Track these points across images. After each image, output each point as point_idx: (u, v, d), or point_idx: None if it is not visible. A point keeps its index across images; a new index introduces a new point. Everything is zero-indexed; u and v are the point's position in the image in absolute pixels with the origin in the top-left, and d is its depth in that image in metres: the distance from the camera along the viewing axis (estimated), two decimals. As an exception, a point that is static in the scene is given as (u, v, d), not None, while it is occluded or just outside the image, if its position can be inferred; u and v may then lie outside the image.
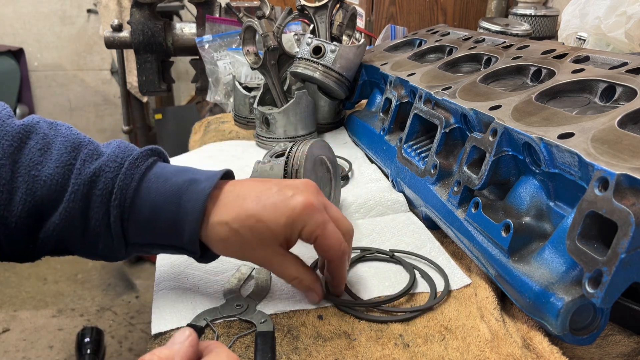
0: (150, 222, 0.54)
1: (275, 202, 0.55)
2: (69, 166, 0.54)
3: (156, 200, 0.54)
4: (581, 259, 0.46)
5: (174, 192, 0.54)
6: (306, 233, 0.55)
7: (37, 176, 0.53)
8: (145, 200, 0.54)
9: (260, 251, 0.56)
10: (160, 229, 0.55)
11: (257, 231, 0.54)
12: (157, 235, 0.56)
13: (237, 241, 0.55)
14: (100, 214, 0.54)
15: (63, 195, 0.53)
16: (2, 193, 0.52)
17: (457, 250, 0.72)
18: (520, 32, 1.24)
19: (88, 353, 1.93)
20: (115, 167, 0.54)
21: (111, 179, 0.54)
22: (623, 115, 0.52)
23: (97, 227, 0.54)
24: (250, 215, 0.54)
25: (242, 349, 0.54)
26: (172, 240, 0.56)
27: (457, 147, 0.74)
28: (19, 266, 2.57)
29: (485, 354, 0.52)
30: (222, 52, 1.43)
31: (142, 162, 0.56)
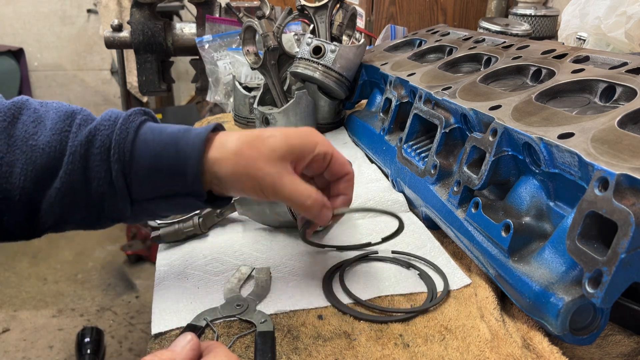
0: (151, 172, 0.55)
1: (282, 129, 0.58)
2: (65, 132, 0.54)
3: (154, 149, 0.55)
4: (581, 259, 0.46)
5: (171, 140, 0.55)
6: (319, 154, 0.57)
7: (34, 145, 0.53)
8: (144, 150, 0.54)
9: (274, 166, 0.54)
10: (162, 176, 0.55)
11: (271, 143, 0.55)
12: (160, 185, 0.56)
13: (251, 153, 0.54)
14: (102, 171, 0.54)
15: (62, 160, 0.53)
16: (2, 166, 0.52)
17: (457, 250, 0.72)
18: (520, 32, 1.24)
19: (88, 353, 1.93)
20: (109, 124, 0.55)
21: (107, 136, 0.54)
22: (623, 115, 0.52)
23: (100, 186, 0.54)
24: (263, 131, 0.56)
25: (242, 349, 0.54)
26: (175, 187, 0.55)
27: (457, 147, 0.74)
28: (19, 266, 2.57)
29: (485, 354, 0.52)
30: (222, 52, 1.43)
31: (136, 117, 0.56)
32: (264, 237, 0.74)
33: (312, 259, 0.69)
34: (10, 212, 0.53)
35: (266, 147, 0.55)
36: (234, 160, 0.54)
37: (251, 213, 0.75)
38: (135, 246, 2.58)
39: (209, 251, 0.71)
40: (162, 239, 0.73)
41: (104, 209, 0.56)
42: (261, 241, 0.73)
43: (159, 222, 0.73)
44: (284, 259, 0.69)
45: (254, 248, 0.72)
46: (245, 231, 0.76)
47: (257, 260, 0.69)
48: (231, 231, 0.76)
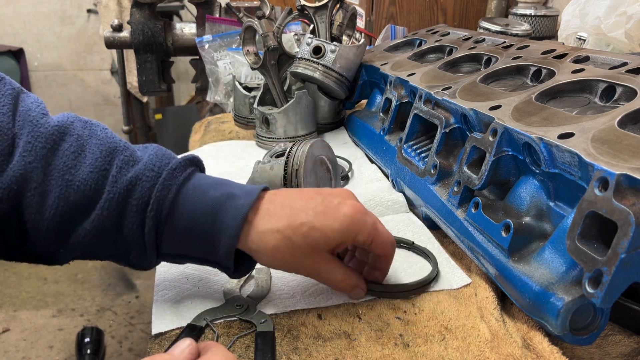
0: (185, 235, 0.53)
1: (325, 210, 0.55)
2: (104, 172, 0.52)
3: (193, 213, 0.53)
4: (581, 259, 0.46)
5: (211, 206, 0.53)
6: (363, 237, 0.55)
7: (70, 180, 0.51)
8: (182, 212, 0.53)
9: (310, 259, 0.55)
10: (195, 242, 0.54)
11: (311, 238, 0.54)
12: (191, 248, 0.55)
13: (288, 249, 0.54)
14: (135, 224, 0.52)
15: (97, 202, 0.52)
16: (34, 196, 0.50)
17: (457, 250, 0.72)
18: (520, 32, 1.24)
19: (88, 353, 1.93)
20: (152, 176, 0.53)
21: (148, 189, 0.52)
22: (623, 115, 0.52)
23: (130, 236, 0.53)
24: (302, 223, 0.54)
25: (242, 349, 0.54)
26: (206, 254, 0.55)
27: (457, 147, 0.74)
28: (19, 266, 2.57)
29: (485, 354, 0.52)
30: (222, 52, 1.43)
31: (180, 172, 0.54)
32: (264, 237, 0.74)
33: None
34: (37, 241, 0.52)
35: (306, 244, 0.54)
36: (271, 254, 0.54)
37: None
38: (135, 246, 2.58)
39: (209, 251, 0.71)
40: (162, 239, 0.73)
41: (130, 256, 0.55)
42: (261, 241, 0.73)
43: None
44: (284, 259, 0.69)
45: (254, 248, 0.72)
46: (245, 231, 0.76)
47: (257, 260, 0.69)
48: (231, 231, 0.76)
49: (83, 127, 0.55)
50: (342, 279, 0.57)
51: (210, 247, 0.54)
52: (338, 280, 0.58)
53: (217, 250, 0.54)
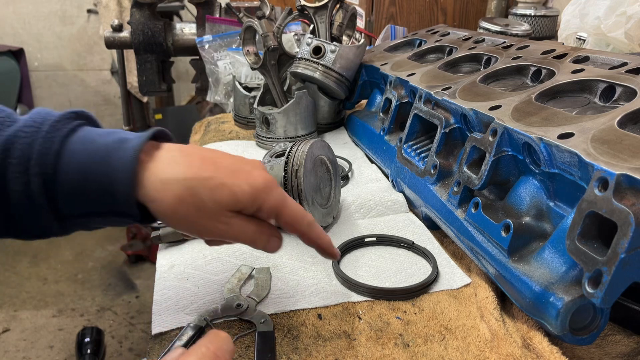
0: (79, 187, 0.48)
1: (236, 170, 0.51)
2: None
3: (83, 163, 0.47)
4: (581, 259, 0.46)
5: (102, 152, 0.48)
6: (269, 206, 0.51)
7: None
8: (70, 164, 0.47)
9: (215, 217, 0.50)
10: (92, 194, 0.48)
11: (219, 194, 0.49)
12: (90, 202, 0.49)
13: (193, 202, 0.48)
14: (20, 185, 0.47)
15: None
16: None
17: (457, 250, 0.72)
18: (520, 32, 1.24)
19: (88, 353, 1.93)
20: (32, 131, 0.47)
21: (28, 145, 0.47)
22: (623, 115, 0.52)
23: (19, 201, 0.47)
24: (212, 176, 0.49)
25: (242, 349, 0.54)
26: (107, 205, 0.49)
27: (457, 147, 0.74)
28: (19, 266, 2.57)
29: (485, 354, 0.52)
30: (222, 52, 1.43)
31: (65, 124, 0.49)
32: (264, 237, 0.74)
33: (312, 259, 0.69)
34: None
35: (212, 200, 0.49)
36: (174, 206, 0.48)
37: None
38: (135, 246, 2.58)
39: (209, 251, 0.71)
40: (162, 239, 0.73)
41: (24, 225, 0.49)
42: (261, 241, 0.73)
43: (159, 222, 0.73)
44: (284, 259, 0.69)
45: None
46: (245, 231, 0.76)
47: (257, 260, 0.69)
48: (231, 231, 0.76)
49: None
50: (254, 229, 0.52)
51: (108, 196, 0.48)
52: (251, 232, 0.52)
53: (116, 197, 0.48)
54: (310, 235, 0.55)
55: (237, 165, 0.52)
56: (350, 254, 0.71)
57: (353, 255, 0.71)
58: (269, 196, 0.51)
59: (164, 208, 0.49)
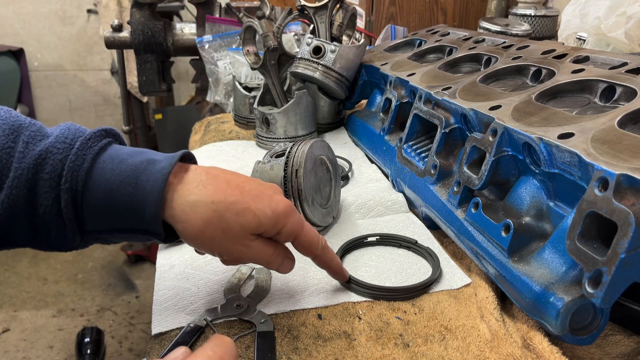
0: (106, 205, 0.49)
1: (259, 195, 0.53)
2: (8, 150, 0.48)
3: (111, 182, 0.49)
4: (581, 259, 0.46)
5: (131, 172, 0.49)
6: (288, 230, 0.54)
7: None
8: (99, 182, 0.49)
9: (239, 240, 0.52)
10: (118, 212, 0.50)
11: (244, 218, 0.51)
12: (115, 220, 0.51)
13: (220, 224, 0.50)
14: (50, 200, 0.48)
15: (3, 182, 0.47)
16: None
17: (457, 250, 0.72)
18: (520, 32, 1.24)
19: (88, 353, 1.93)
20: (64, 148, 0.49)
21: (60, 161, 0.48)
22: (623, 115, 0.52)
23: (47, 215, 0.48)
24: (237, 201, 0.51)
25: (242, 349, 0.54)
26: (132, 223, 0.51)
27: (457, 147, 0.74)
28: (19, 266, 2.58)
29: (485, 354, 0.52)
30: (222, 52, 1.43)
31: (96, 142, 0.50)
32: (264, 237, 0.74)
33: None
34: None
35: (237, 223, 0.51)
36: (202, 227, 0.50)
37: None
38: (135, 246, 2.58)
39: (209, 251, 0.71)
40: (162, 239, 0.73)
41: (50, 237, 0.50)
42: (261, 241, 0.73)
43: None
44: (284, 259, 0.69)
45: (254, 248, 0.72)
46: (245, 231, 0.76)
47: (257, 260, 0.69)
48: (231, 231, 0.76)
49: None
50: (272, 252, 0.54)
51: (135, 215, 0.50)
52: (269, 255, 0.54)
53: (143, 217, 0.50)
54: (324, 258, 0.59)
55: (260, 190, 0.54)
56: (351, 254, 0.71)
57: (353, 255, 0.71)
58: (289, 220, 0.54)
59: (191, 230, 0.50)
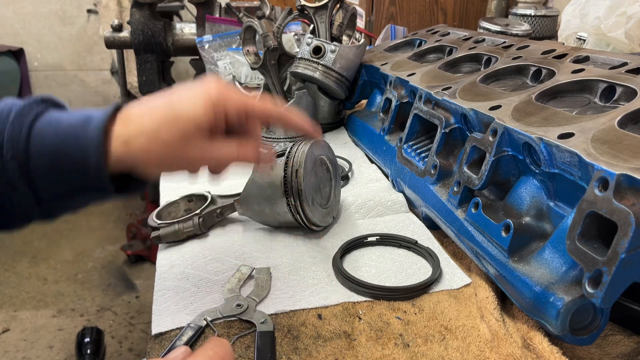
0: (53, 168, 0.50)
1: (186, 97, 0.52)
2: None
3: (53, 145, 0.50)
4: (581, 259, 0.46)
5: (70, 131, 0.50)
6: (232, 111, 0.52)
7: None
8: (41, 146, 0.50)
9: (190, 149, 0.51)
10: (65, 172, 0.50)
11: (178, 127, 0.50)
12: (65, 181, 0.51)
13: (160, 148, 0.50)
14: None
15: None
16: None
17: (457, 250, 0.72)
18: (520, 32, 1.24)
19: (88, 353, 1.93)
20: (1, 121, 0.50)
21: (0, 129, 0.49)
22: (623, 115, 0.52)
23: None
24: (164, 115, 0.51)
25: (242, 349, 0.54)
26: (80, 181, 0.51)
27: (457, 147, 0.74)
28: (19, 266, 2.58)
29: (485, 354, 0.52)
30: (222, 52, 1.43)
31: (31, 110, 0.51)
32: (264, 237, 0.74)
33: (312, 259, 0.69)
34: None
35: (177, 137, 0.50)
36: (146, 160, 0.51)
37: (251, 213, 0.75)
38: (135, 246, 2.58)
39: (209, 251, 0.71)
40: (162, 239, 0.73)
41: (6, 211, 0.51)
42: (261, 241, 0.73)
43: (159, 222, 0.73)
44: (284, 259, 0.69)
45: (254, 248, 0.72)
46: (245, 231, 0.76)
47: (257, 260, 0.69)
48: (231, 231, 0.76)
49: None
50: (237, 144, 0.53)
51: (80, 171, 0.50)
52: (235, 148, 0.53)
53: (88, 171, 0.50)
54: (289, 117, 0.57)
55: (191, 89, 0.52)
56: (351, 254, 0.71)
57: (353, 255, 0.71)
58: (229, 99, 0.52)
59: (141, 165, 0.51)
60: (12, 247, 2.75)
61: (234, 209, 0.76)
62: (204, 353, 0.39)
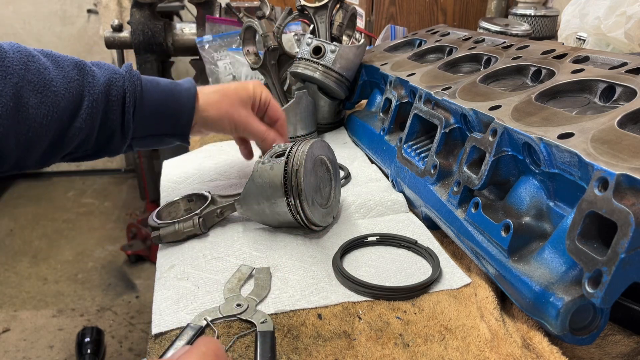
0: (153, 116, 0.74)
1: (236, 84, 0.84)
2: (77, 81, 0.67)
3: (156, 99, 0.74)
4: (581, 259, 0.46)
5: (168, 90, 0.76)
6: (264, 97, 0.84)
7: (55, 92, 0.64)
8: (148, 99, 0.73)
9: (243, 110, 0.81)
10: (161, 120, 0.76)
11: (238, 94, 0.82)
12: (157, 126, 0.76)
13: (226, 101, 0.80)
14: (117, 114, 0.71)
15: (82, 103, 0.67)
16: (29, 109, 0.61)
17: (457, 250, 0.72)
18: (520, 32, 1.24)
19: (88, 353, 1.93)
20: (118, 77, 0.71)
21: (121, 86, 0.71)
22: (623, 115, 0.52)
23: (114, 126, 0.71)
24: (230, 87, 0.83)
25: (242, 349, 0.54)
26: (170, 128, 0.77)
27: (457, 147, 0.74)
28: (19, 266, 2.58)
29: (485, 354, 0.52)
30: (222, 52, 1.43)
31: (135, 73, 0.73)
32: (264, 237, 0.74)
33: (312, 259, 0.69)
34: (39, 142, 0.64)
35: (237, 97, 0.81)
36: (217, 107, 0.80)
37: (251, 213, 0.75)
38: (135, 246, 2.58)
39: (209, 251, 0.71)
40: (162, 239, 0.73)
41: (109, 145, 0.73)
42: (261, 241, 0.73)
43: (159, 222, 0.73)
44: (284, 258, 0.69)
45: (254, 248, 0.72)
46: (245, 231, 0.76)
47: (257, 260, 0.69)
48: (231, 231, 0.76)
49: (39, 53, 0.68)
50: (265, 128, 0.83)
51: (174, 121, 0.77)
52: (263, 130, 0.83)
53: (180, 121, 0.77)
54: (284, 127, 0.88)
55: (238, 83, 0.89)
56: (351, 254, 0.71)
57: (353, 255, 0.71)
58: (262, 90, 0.85)
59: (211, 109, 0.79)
60: (12, 247, 2.75)
61: (234, 209, 0.76)
62: (197, 350, 0.40)
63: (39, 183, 3.50)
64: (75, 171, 3.60)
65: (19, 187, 3.45)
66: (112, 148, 0.74)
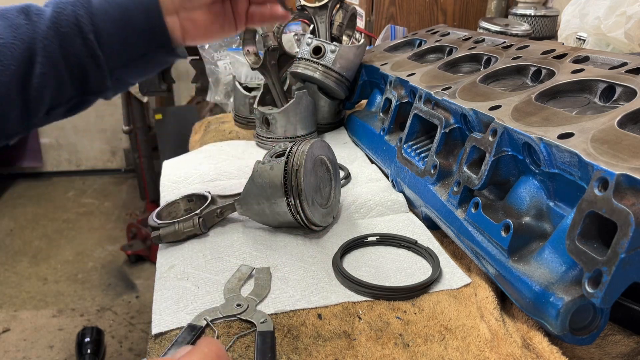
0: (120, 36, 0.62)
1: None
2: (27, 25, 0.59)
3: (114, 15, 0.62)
4: (581, 259, 0.46)
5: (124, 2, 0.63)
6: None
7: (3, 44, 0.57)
8: (107, 20, 0.61)
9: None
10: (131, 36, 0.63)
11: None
12: (131, 46, 0.63)
13: None
14: (78, 46, 0.60)
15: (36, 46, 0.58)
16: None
17: (457, 250, 0.72)
18: (520, 32, 1.24)
19: (88, 353, 1.93)
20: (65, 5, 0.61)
21: (70, 14, 0.60)
22: (623, 115, 0.52)
23: (80, 59, 0.61)
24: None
25: (242, 349, 0.54)
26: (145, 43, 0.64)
27: (457, 147, 0.74)
28: (19, 266, 2.58)
29: (485, 354, 0.52)
30: (222, 52, 1.43)
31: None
32: (264, 237, 0.74)
33: (312, 259, 0.69)
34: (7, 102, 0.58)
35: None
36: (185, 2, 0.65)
37: (251, 213, 0.75)
38: (135, 246, 2.58)
39: (209, 251, 0.71)
40: (162, 239, 0.73)
41: (88, 82, 0.62)
42: (261, 241, 0.73)
43: (159, 222, 0.73)
44: (284, 258, 0.69)
45: (254, 248, 0.72)
46: (245, 231, 0.76)
47: (257, 260, 0.69)
48: (231, 231, 0.76)
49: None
50: None
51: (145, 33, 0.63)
52: None
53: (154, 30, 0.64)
54: None
55: None
56: (351, 254, 0.71)
57: (353, 255, 0.71)
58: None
59: None
60: (12, 247, 2.75)
61: (234, 209, 0.76)
62: (199, 350, 0.40)
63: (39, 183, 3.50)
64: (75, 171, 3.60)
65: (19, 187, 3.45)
66: (94, 86, 0.64)
